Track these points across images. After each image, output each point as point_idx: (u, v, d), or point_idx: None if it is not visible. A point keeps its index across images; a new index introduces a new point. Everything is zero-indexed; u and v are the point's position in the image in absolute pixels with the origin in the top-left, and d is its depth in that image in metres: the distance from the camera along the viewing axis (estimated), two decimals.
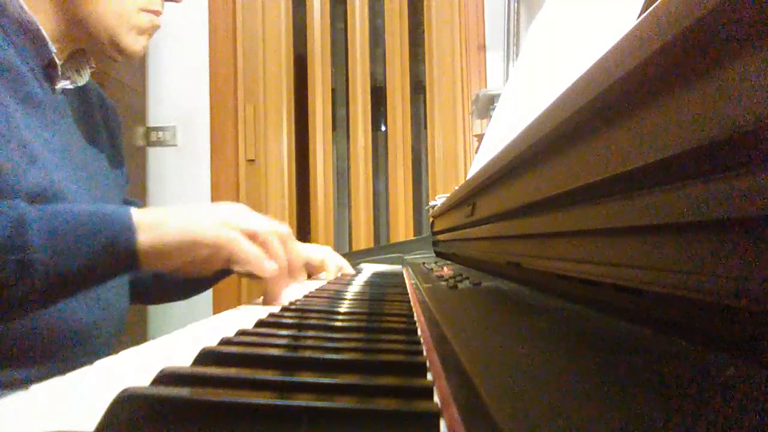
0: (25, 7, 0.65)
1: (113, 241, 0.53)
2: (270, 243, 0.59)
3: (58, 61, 0.69)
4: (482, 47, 2.11)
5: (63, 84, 0.72)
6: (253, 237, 0.58)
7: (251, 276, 0.61)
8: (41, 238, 0.50)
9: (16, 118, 0.60)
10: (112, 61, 0.76)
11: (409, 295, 0.59)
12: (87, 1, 0.68)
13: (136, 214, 0.55)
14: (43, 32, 0.66)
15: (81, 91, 0.78)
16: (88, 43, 0.73)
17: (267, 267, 0.58)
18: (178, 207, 0.60)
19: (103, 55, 0.74)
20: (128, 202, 0.89)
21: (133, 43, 0.73)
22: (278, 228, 0.61)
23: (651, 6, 0.20)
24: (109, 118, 0.85)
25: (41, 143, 0.63)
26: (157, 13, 0.75)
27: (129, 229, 0.54)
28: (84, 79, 0.76)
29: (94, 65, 0.78)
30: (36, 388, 0.25)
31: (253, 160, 2.15)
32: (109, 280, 0.57)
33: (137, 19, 0.72)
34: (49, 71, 0.69)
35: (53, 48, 0.68)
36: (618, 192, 0.24)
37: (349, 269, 1.00)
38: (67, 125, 0.72)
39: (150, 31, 0.75)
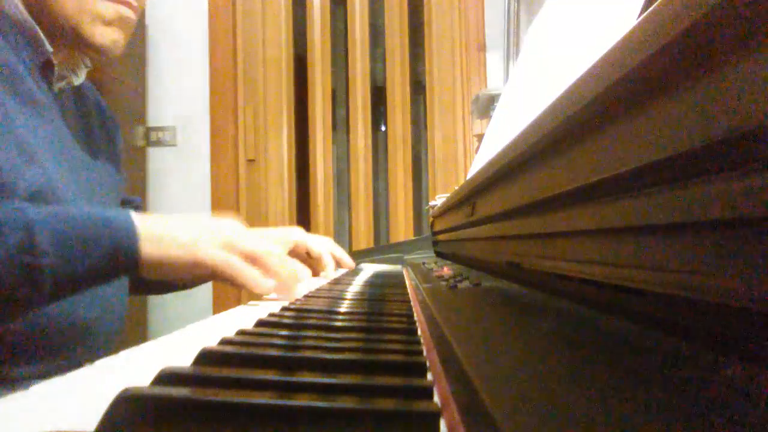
0: (21, 6, 0.65)
1: (117, 247, 0.54)
2: (268, 263, 0.61)
3: (54, 61, 0.69)
4: (482, 47, 2.11)
5: (60, 84, 0.72)
6: (252, 259, 0.61)
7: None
8: (49, 244, 0.50)
9: (14, 117, 0.61)
10: (95, 59, 0.74)
11: (409, 295, 0.59)
12: None
13: (139, 221, 0.56)
14: (39, 32, 0.66)
15: (78, 92, 0.78)
16: (56, 36, 0.69)
17: (264, 286, 0.61)
18: (182, 219, 0.61)
19: (78, 50, 0.72)
20: (127, 201, 0.89)
21: (99, 35, 0.69)
22: (274, 248, 0.64)
23: (651, 6, 0.20)
24: (107, 123, 0.85)
25: (39, 142, 0.63)
26: (124, 3, 0.70)
27: (132, 236, 0.55)
28: (80, 78, 0.75)
29: (89, 64, 0.76)
30: (36, 388, 0.25)
31: (253, 160, 2.15)
32: (108, 282, 0.58)
33: (99, 8, 0.68)
34: (45, 71, 0.69)
35: (50, 48, 0.67)
36: (618, 192, 0.24)
37: (348, 262, 1.01)
38: (65, 125, 0.71)
39: (119, 23, 0.70)
